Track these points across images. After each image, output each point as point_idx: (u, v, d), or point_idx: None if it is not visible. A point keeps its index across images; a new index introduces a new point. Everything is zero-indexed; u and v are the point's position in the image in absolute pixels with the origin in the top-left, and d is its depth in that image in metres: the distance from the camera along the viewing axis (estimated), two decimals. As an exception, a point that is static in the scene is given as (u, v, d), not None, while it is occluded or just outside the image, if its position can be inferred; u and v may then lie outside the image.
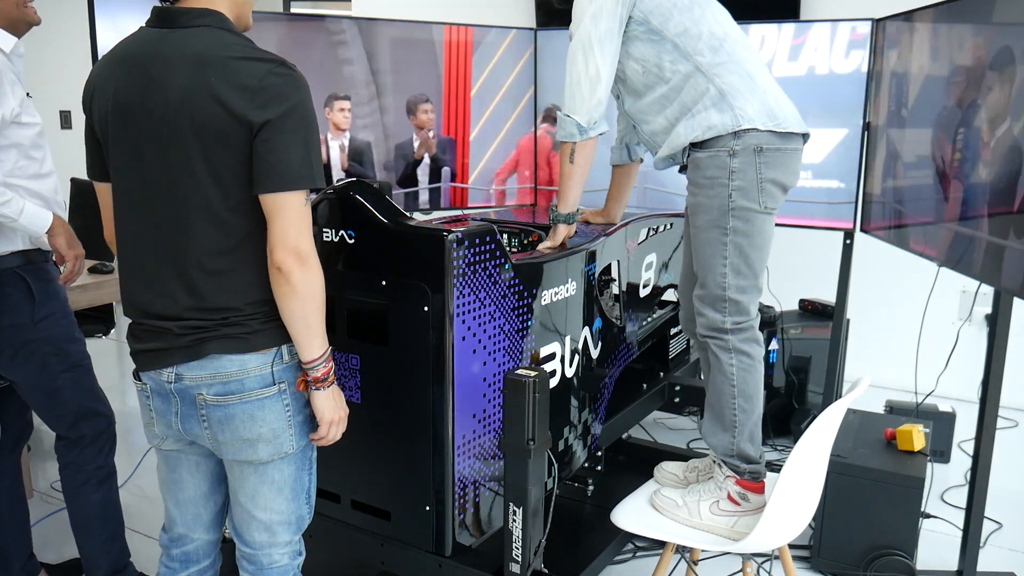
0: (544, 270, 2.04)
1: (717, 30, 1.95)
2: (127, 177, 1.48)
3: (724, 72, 1.92)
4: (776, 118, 1.92)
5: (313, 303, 1.44)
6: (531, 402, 1.68)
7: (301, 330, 1.46)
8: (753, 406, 2.00)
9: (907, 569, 2.40)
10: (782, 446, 3.41)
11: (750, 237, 1.94)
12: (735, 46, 1.96)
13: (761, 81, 1.96)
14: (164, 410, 1.54)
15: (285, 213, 1.39)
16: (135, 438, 3.47)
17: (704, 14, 1.96)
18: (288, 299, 1.42)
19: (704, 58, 1.92)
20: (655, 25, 1.93)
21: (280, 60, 1.40)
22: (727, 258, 1.94)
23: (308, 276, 1.42)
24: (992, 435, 2.32)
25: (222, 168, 1.39)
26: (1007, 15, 2.01)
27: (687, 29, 1.92)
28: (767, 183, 1.92)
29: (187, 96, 1.37)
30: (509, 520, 1.75)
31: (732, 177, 1.90)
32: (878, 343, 3.94)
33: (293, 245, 1.39)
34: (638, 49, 1.96)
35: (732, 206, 1.91)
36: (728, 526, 1.93)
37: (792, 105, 2.00)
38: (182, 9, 1.43)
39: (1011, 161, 1.95)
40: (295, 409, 1.53)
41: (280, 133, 1.36)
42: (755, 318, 2.00)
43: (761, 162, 1.90)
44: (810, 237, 3.15)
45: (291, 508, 1.59)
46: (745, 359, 1.98)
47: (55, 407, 2.15)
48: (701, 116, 1.94)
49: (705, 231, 1.97)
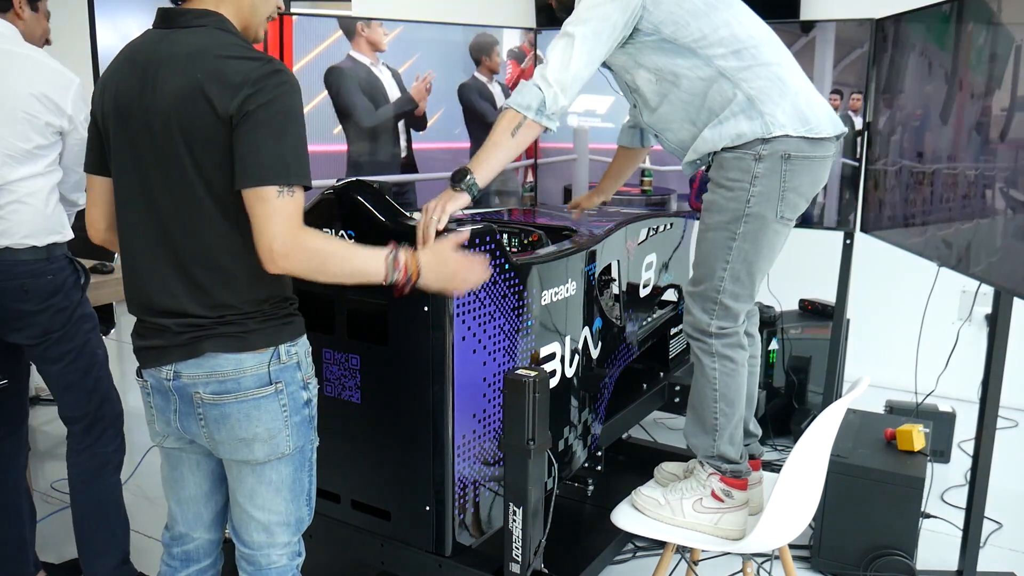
0: (544, 270, 2.04)
1: (740, 32, 1.87)
2: (127, 175, 1.49)
3: (751, 77, 1.85)
4: (808, 123, 1.84)
5: (329, 268, 1.43)
6: (531, 402, 1.68)
7: (346, 280, 1.46)
8: (734, 410, 1.98)
9: (907, 569, 2.40)
10: (782, 446, 3.41)
11: (758, 245, 1.90)
12: (761, 47, 1.88)
13: (792, 83, 1.88)
14: (164, 408, 1.55)
15: (257, 210, 1.36)
16: (135, 438, 3.46)
17: (725, 17, 1.87)
18: (305, 278, 1.43)
19: (728, 63, 1.85)
20: (668, 35, 1.85)
21: (270, 59, 1.40)
22: (729, 263, 1.91)
23: (297, 264, 1.39)
24: (992, 435, 2.32)
25: (212, 166, 1.39)
26: (1007, 15, 2.02)
27: (705, 35, 1.85)
28: (789, 192, 1.87)
29: (178, 95, 1.38)
30: (509, 520, 1.75)
31: (754, 182, 1.85)
32: (878, 343, 3.94)
33: (267, 246, 1.36)
34: (649, 59, 1.90)
35: (748, 212, 1.86)
36: (712, 523, 1.92)
37: (826, 104, 1.92)
38: (182, 10, 1.45)
39: (1012, 160, 1.95)
40: (292, 409, 1.52)
41: (255, 127, 1.35)
42: (742, 324, 1.97)
43: (787, 169, 1.85)
44: (810, 237, 3.15)
45: (290, 509, 1.58)
46: (728, 364, 1.95)
47: (89, 385, 2.24)
48: (730, 123, 1.87)
49: (713, 230, 1.93)
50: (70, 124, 2.11)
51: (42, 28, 2.24)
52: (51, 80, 2.08)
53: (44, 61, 2.10)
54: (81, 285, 2.22)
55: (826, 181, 1.97)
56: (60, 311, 2.15)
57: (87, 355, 2.23)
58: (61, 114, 2.09)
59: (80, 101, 2.13)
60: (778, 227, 1.90)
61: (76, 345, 2.20)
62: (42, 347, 2.17)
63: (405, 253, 1.50)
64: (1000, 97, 2.02)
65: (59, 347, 2.18)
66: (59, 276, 2.15)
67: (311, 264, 1.41)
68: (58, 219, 2.17)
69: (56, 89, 2.07)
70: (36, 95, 2.04)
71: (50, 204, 2.14)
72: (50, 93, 2.06)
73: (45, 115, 2.06)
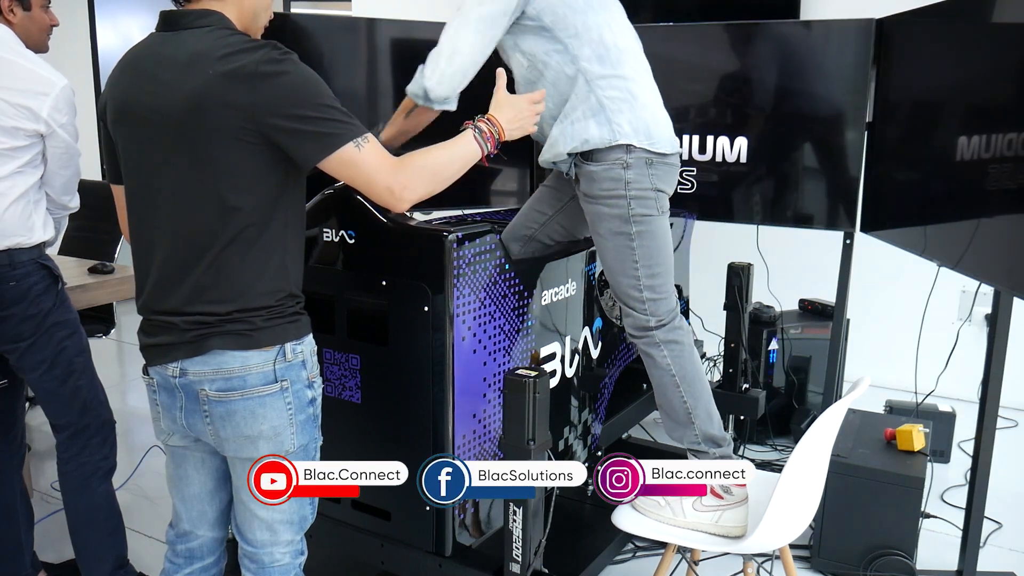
0: (544, 270, 2.04)
1: (608, 38, 1.93)
2: (135, 177, 1.51)
3: (607, 85, 1.92)
4: (652, 137, 1.94)
5: (442, 176, 1.55)
6: (531, 402, 1.69)
7: (459, 175, 1.59)
8: (699, 388, 2.02)
9: (907, 569, 2.40)
10: (782, 446, 3.41)
11: (656, 240, 1.98)
12: (623, 57, 1.95)
13: (643, 98, 1.97)
14: (169, 405, 1.55)
15: (351, 172, 1.45)
16: (135, 438, 3.47)
17: (599, 20, 1.93)
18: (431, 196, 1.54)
19: (591, 66, 1.92)
20: (547, 23, 1.90)
21: (273, 44, 1.42)
22: (637, 262, 1.97)
23: (419, 188, 1.50)
24: (992, 435, 2.32)
25: (225, 163, 1.40)
26: (1008, 15, 2.02)
27: (578, 32, 1.91)
28: (660, 192, 1.98)
29: (186, 95, 1.39)
30: (509, 520, 1.76)
31: (628, 188, 1.93)
32: (878, 343, 3.93)
33: (385, 192, 1.47)
34: (528, 43, 1.94)
35: (632, 214, 1.95)
36: (713, 521, 1.93)
37: (669, 124, 2.03)
38: (183, 11, 1.47)
39: (1012, 160, 1.95)
40: (297, 408, 1.53)
41: (288, 108, 1.39)
42: (676, 307, 2.03)
43: (652, 173, 1.95)
44: (810, 237, 3.15)
45: (293, 507, 1.59)
46: (675, 347, 2.00)
47: (67, 393, 2.18)
48: (580, 125, 1.94)
49: (610, 239, 1.99)
50: (47, 128, 2.06)
51: (38, 27, 2.18)
52: (27, 85, 2.02)
53: (23, 64, 2.04)
54: (56, 292, 2.13)
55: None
56: (26, 319, 2.07)
57: (63, 364, 2.14)
58: (35, 119, 2.03)
59: (64, 105, 2.07)
60: (660, 220, 2.00)
61: (49, 354, 2.12)
62: (15, 355, 2.11)
63: (483, 123, 1.66)
64: (1001, 95, 2.02)
65: (32, 356, 2.11)
66: (24, 283, 2.07)
67: (428, 181, 1.52)
68: (22, 223, 2.07)
69: (29, 96, 2.02)
70: (5, 99, 2.00)
71: (15, 208, 2.05)
72: (22, 99, 2.01)
73: (14, 119, 2.01)
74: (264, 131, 1.39)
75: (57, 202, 2.20)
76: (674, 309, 2.03)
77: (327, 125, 1.41)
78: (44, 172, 2.13)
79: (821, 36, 2.83)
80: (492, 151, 1.65)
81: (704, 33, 3.02)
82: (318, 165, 1.44)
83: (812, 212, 2.94)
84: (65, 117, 2.09)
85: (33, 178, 2.10)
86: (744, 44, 2.93)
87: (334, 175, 1.49)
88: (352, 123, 1.44)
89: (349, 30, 3.14)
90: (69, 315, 2.18)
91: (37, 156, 2.10)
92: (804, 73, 2.85)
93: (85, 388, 2.20)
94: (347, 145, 1.42)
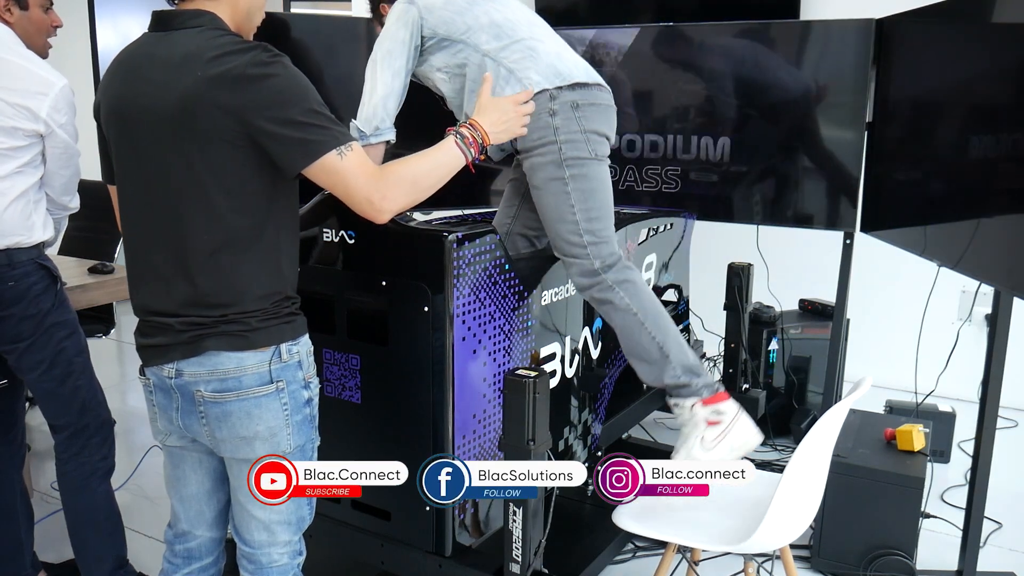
0: (544, 270, 2.04)
1: (497, 17, 2.01)
2: (129, 178, 1.50)
3: (509, 53, 1.98)
4: (561, 75, 1.97)
5: (423, 185, 1.55)
6: (531, 402, 1.68)
7: (442, 183, 1.59)
8: (664, 322, 2.01)
9: (907, 569, 2.40)
10: (782, 446, 3.41)
11: (590, 181, 1.98)
12: (516, 26, 2.03)
13: (543, 48, 2.02)
14: (166, 406, 1.55)
15: (332, 179, 1.44)
16: (135, 438, 3.47)
17: (485, 8, 2.02)
18: (412, 206, 1.55)
19: (490, 45, 1.99)
20: (443, 34, 2.00)
21: (263, 46, 1.41)
22: (574, 205, 1.97)
23: (399, 198, 1.50)
24: (992, 435, 2.32)
25: (218, 164, 1.40)
26: (1008, 15, 2.02)
27: (470, 27, 1.99)
28: (591, 133, 1.99)
29: (178, 95, 1.38)
30: (509, 520, 1.75)
31: (557, 134, 1.96)
32: (878, 343, 3.93)
33: (364, 202, 1.47)
34: (439, 59, 2.03)
35: (564, 158, 1.96)
36: (729, 449, 1.93)
37: (578, 58, 2.06)
38: (175, 11, 1.46)
39: (1012, 160, 1.95)
40: (293, 408, 1.53)
41: (276, 111, 1.38)
42: (620, 252, 2.02)
43: (580, 116, 1.97)
44: (810, 237, 3.15)
45: (291, 508, 1.59)
46: (629, 286, 1.99)
47: (66, 394, 2.17)
48: (499, 94, 1.98)
49: (545, 186, 1.99)
50: (47, 128, 2.06)
51: (36, 27, 2.18)
52: (26, 84, 2.03)
53: (22, 64, 2.04)
54: (55, 292, 2.13)
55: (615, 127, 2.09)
56: (25, 319, 2.07)
57: (62, 364, 2.14)
58: (34, 119, 2.03)
59: (64, 105, 2.07)
60: (597, 164, 2.00)
61: (48, 354, 2.12)
62: (14, 355, 2.11)
63: (465, 128, 1.67)
64: (1001, 95, 2.02)
65: (30, 356, 2.11)
66: (23, 283, 2.07)
67: (407, 191, 1.52)
68: (22, 223, 2.07)
69: (28, 96, 2.02)
70: (4, 99, 2.00)
71: (14, 208, 2.06)
72: (21, 99, 2.01)
73: (13, 119, 2.01)
74: (251, 133, 1.39)
75: (57, 202, 2.20)
76: (617, 252, 2.02)
77: (311, 131, 1.40)
78: (44, 172, 2.13)
79: (821, 36, 2.84)
80: (477, 156, 1.66)
81: (704, 33, 3.02)
82: (302, 172, 1.43)
83: (812, 212, 2.94)
84: (64, 117, 2.08)
85: (33, 178, 2.10)
86: (744, 44, 2.93)
87: (317, 183, 1.47)
88: (337, 130, 1.43)
89: (349, 30, 3.15)
90: (68, 315, 2.17)
91: (37, 156, 2.10)
92: (804, 73, 2.85)
93: (84, 388, 2.20)
94: (329, 153, 1.41)
